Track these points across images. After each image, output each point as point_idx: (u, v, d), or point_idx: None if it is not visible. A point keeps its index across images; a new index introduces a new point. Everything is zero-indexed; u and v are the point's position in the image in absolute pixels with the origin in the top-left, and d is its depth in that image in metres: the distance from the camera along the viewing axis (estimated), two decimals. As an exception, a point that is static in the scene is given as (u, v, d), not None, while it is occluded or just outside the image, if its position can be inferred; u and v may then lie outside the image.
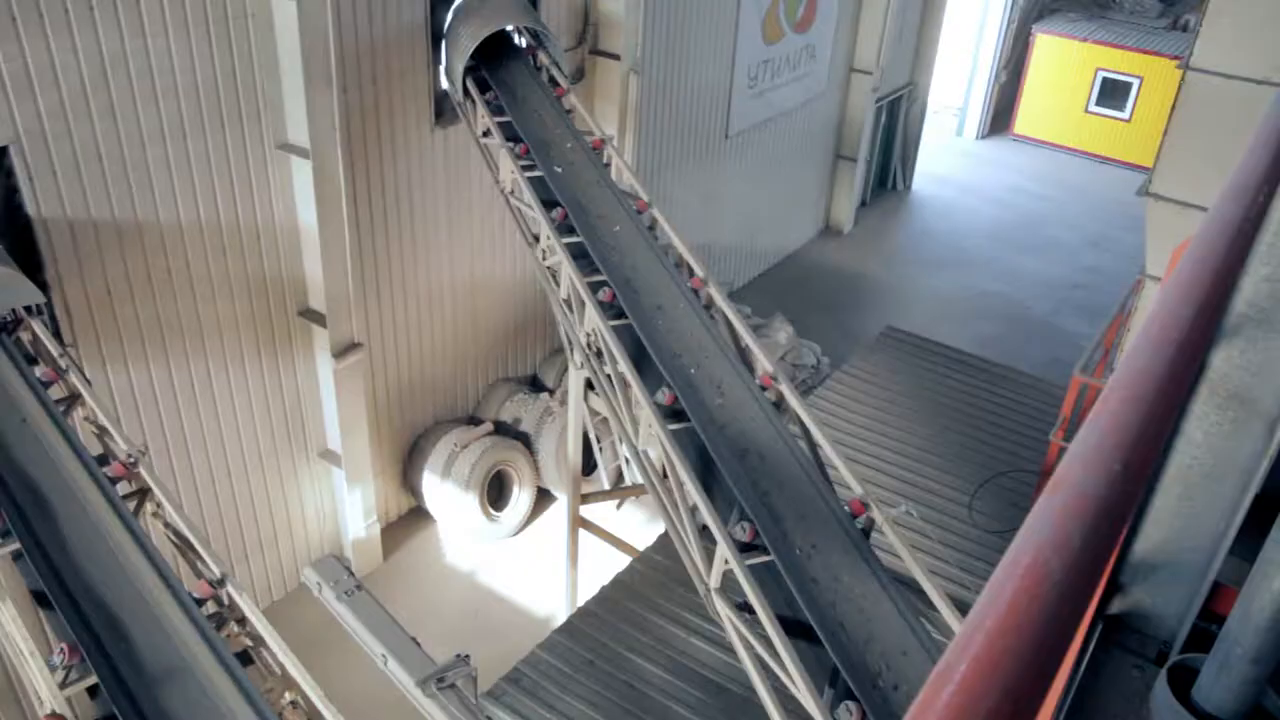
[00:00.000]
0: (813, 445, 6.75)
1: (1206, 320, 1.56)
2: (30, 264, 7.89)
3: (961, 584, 8.16)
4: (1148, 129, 21.65)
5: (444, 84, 10.60)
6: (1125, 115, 23.14)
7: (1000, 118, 24.75)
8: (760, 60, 15.85)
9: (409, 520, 12.45)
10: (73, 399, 6.58)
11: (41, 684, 4.83)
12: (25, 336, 6.92)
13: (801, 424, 6.82)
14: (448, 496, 11.76)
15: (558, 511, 12.30)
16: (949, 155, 23.60)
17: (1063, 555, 1.07)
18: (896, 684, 5.38)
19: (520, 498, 12.27)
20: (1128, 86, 22.90)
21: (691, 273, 8.02)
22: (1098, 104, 23.42)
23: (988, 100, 24.29)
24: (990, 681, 0.95)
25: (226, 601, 5.42)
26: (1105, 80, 23.13)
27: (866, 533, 6.20)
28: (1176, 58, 11.36)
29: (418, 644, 6.38)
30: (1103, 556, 1.15)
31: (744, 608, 5.90)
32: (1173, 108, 7.01)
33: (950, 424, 10.56)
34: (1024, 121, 24.45)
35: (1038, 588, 1.04)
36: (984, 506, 9.45)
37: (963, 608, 5.72)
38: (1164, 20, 23.99)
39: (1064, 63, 23.49)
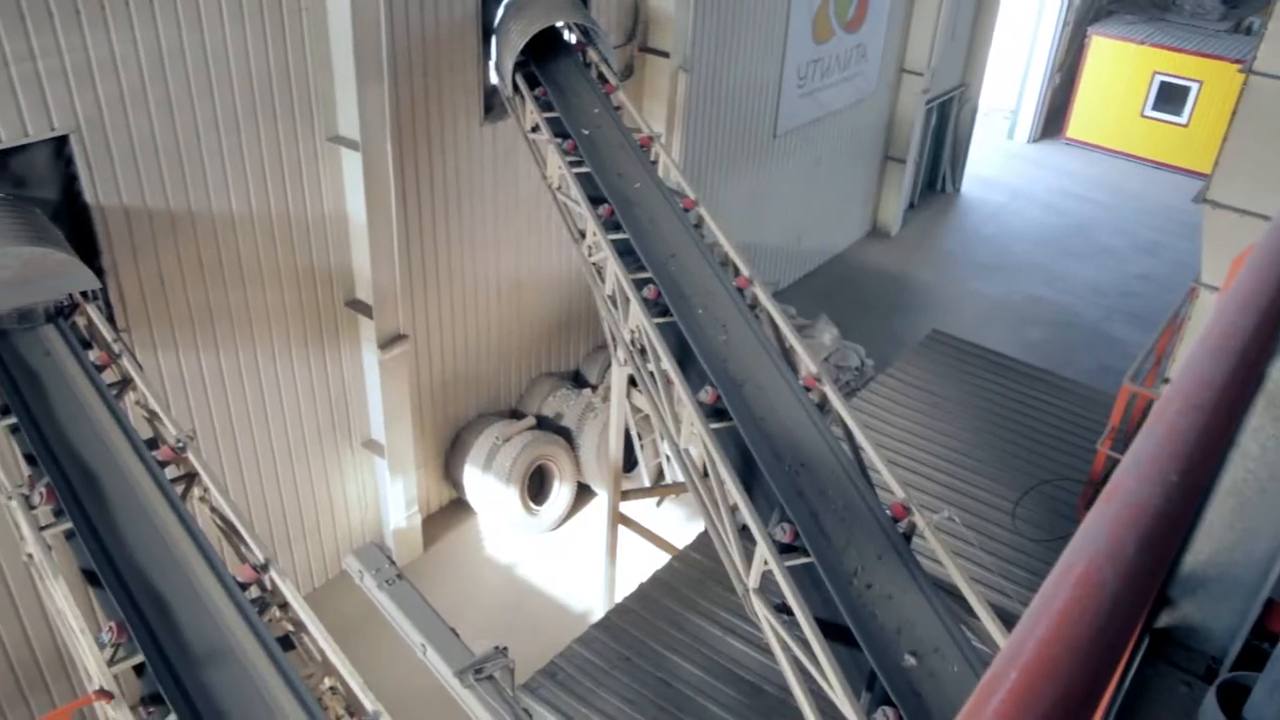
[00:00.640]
0: (855, 448, 6.70)
1: (1267, 331, 1.53)
2: (87, 250, 8.05)
3: (1003, 592, 8.05)
4: (1206, 134, 21.22)
5: (494, 79, 10.66)
6: (1183, 120, 22.70)
7: (1053, 121, 24.40)
8: (810, 59, 15.75)
9: (449, 512, 12.55)
10: (125, 383, 6.70)
11: (90, 660, 4.93)
12: (81, 321, 7.06)
13: (844, 426, 6.77)
14: (488, 489, 11.84)
15: (598, 507, 12.33)
16: (999, 158, 23.31)
17: (1117, 565, 1.05)
18: (937, 691, 5.34)
19: (561, 492, 12.32)
20: (1186, 90, 22.46)
21: (737, 272, 8.00)
22: (1154, 108, 23.00)
23: (1040, 103, 23.95)
24: (1040, 691, 0.94)
25: (269, 586, 5.49)
26: (1163, 84, 22.71)
27: (908, 537, 6.15)
28: (1239, 61, 11.14)
29: (456, 634, 6.43)
30: (1157, 568, 1.13)
31: (782, 609, 5.87)
32: (1233, 113, 6.88)
33: (995, 430, 10.43)
34: (1077, 125, 24.08)
35: (1090, 597, 1.02)
36: (1028, 515, 9.32)
37: (1004, 616, 5.66)
38: (1226, 23, 23.49)
39: (1120, 66, 23.10)
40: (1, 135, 7.40)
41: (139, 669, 5.05)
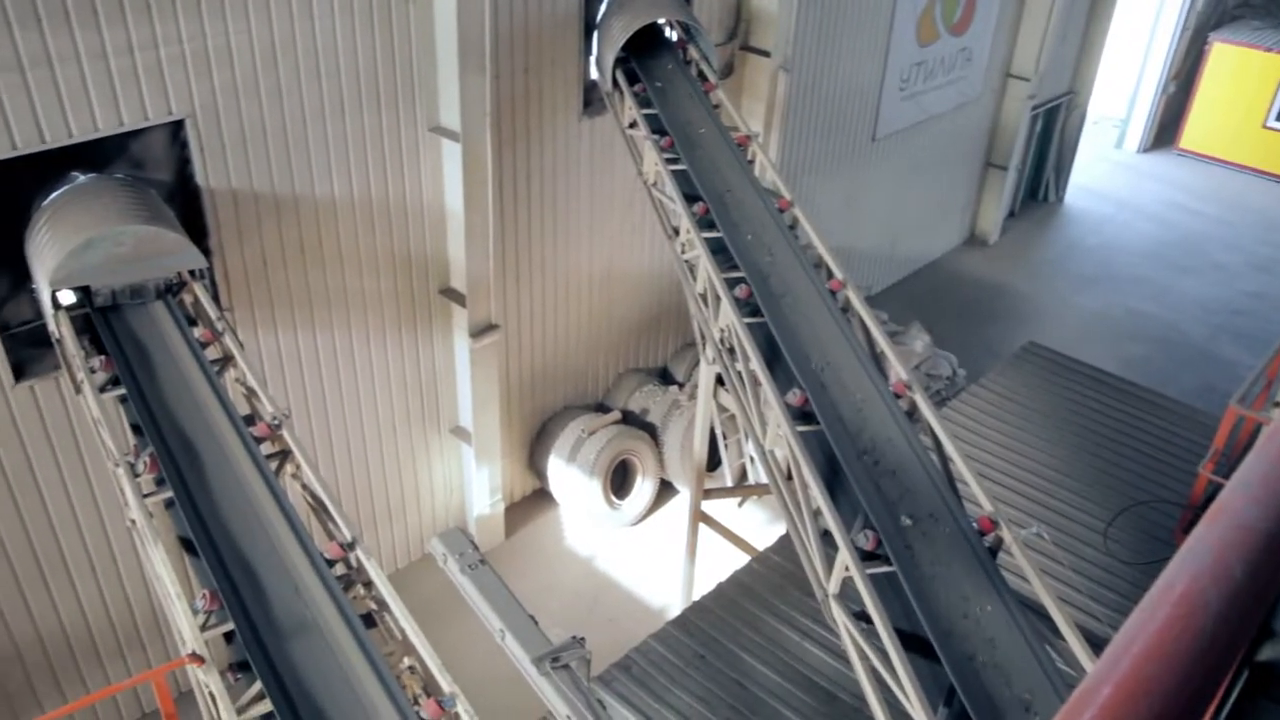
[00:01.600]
0: (943, 458, 6.58)
1: (1395, 351, 1.45)
2: (197, 231, 8.34)
3: (1091, 614, 7.82)
4: (1334, 148, 20.29)
5: (594, 74, 10.72)
6: (1310, 133, 21.71)
7: (1166, 131, 23.55)
8: (913, 62, 15.48)
9: (532, 501, 12.68)
10: (226, 360, 6.91)
11: (185, 625, 5.10)
12: (188, 299, 7.30)
13: (933, 435, 6.65)
14: (572, 481, 11.93)
15: (679, 505, 12.33)
16: (1107, 168, 22.60)
17: (1221, 587, 1.01)
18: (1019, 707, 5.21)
19: (643, 488, 12.35)
20: (1315, 102, 21.48)
21: (830, 274, 7.92)
22: (1279, 119, 22.03)
23: (1153, 112, 23.11)
24: (1133, 710, 0.90)
25: (355, 564, 5.61)
26: (1289, 94, 21.75)
27: (994, 552, 6.01)
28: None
29: (535, 622, 6.49)
30: (1263, 594, 1.08)
31: (861, 617, 5.80)
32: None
33: (1090, 447, 10.12)
34: (1192, 135, 23.18)
35: (1191, 617, 0.98)
36: (1121, 536, 9.02)
37: (1091, 639, 5.49)
38: (1360, 32, 22.38)
39: (1242, 74, 22.16)
40: (124, 119, 7.72)
41: (228, 636, 5.22)
